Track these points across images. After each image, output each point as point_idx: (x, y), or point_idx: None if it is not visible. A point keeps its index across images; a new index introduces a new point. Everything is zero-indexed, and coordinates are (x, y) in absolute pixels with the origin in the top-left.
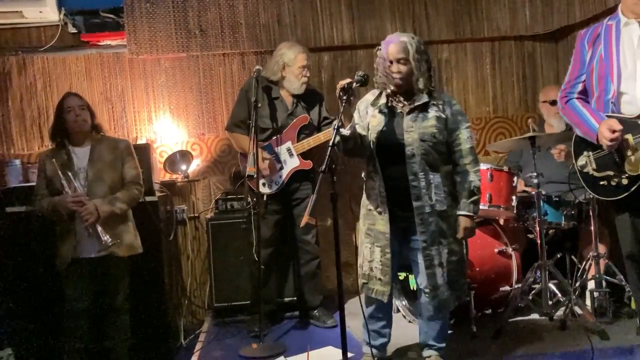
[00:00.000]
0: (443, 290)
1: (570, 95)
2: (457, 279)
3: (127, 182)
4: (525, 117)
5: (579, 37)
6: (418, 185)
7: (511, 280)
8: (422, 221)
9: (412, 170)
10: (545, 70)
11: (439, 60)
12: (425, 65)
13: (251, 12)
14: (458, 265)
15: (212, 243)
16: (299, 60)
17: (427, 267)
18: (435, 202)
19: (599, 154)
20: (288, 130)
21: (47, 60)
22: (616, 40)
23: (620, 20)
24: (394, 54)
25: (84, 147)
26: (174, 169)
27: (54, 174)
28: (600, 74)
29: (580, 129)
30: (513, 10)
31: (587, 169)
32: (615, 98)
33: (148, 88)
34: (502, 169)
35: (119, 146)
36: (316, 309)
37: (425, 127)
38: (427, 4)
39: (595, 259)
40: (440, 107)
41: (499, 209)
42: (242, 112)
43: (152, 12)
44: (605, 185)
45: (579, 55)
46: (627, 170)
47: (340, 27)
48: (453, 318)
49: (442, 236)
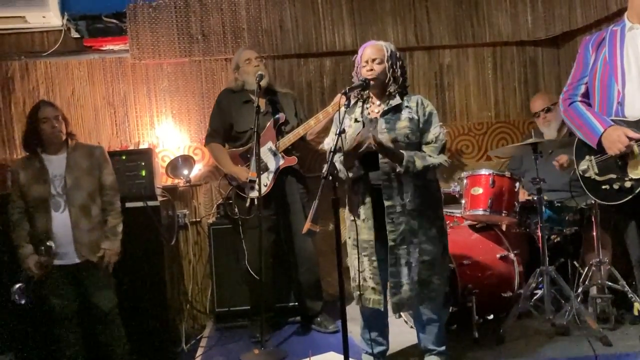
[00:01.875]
0: (406, 289)
1: (573, 97)
2: (430, 279)
3: (106, 189)
4: (527, 122)
5: (583, 42)
6: (390, 185)
7: (513, 285)
8: (392, 220)
9: (384, 170)
10: (547, 75)
11: (441, 65)
12: (399, 71)
13: (253, 18)
14: (431, 265)
15: (213, 248)
16: (244, 55)
17: (392, 264)
18: (406, 201)
19: (601, 158)
20: (266, 131)
21: (49, 65)
22: (620, 44)
23: (625, 25)
24: (368, 54)
25: (59, 155)
26: (176, 173)
27: (28, 182)
28: (603, 76)
29: (582, 132)
30: (515, 15)
31: (589, 174)
32: (621, 99)
33: (150, 93)
34: (504, 174)
35: (95, 153)
36: (318, 315)
37: (399, 128)
38: (429, 9)
39: (597, 265)
40: (413, 108)
41: (501, 215)
42: (215, 122)
43: (154, 17)
44: (608, 189)
45: (582, 58)
46: (630, 174)
47: (342, 32)
48: (455, 324)
49: (413, 235)
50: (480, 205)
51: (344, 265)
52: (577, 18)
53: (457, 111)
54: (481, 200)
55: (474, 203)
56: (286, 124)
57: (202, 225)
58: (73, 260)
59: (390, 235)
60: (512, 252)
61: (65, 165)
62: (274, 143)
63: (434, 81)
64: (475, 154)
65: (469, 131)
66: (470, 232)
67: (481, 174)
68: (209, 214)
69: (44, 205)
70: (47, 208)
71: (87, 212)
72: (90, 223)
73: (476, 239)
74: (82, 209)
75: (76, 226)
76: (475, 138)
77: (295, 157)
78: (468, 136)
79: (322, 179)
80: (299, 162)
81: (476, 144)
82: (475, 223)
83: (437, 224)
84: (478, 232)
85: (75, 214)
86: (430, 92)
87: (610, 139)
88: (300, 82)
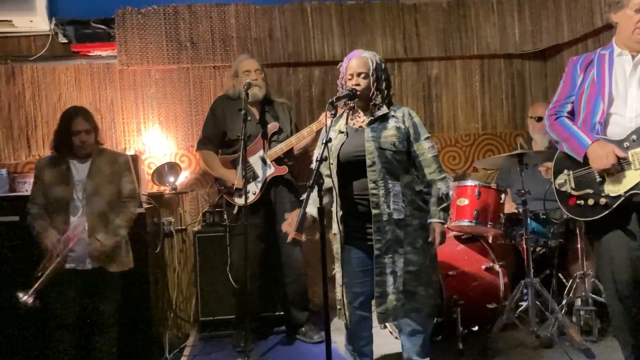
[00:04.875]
0: (392, 298)
1: (559, 113)
2: (415, 290)
3: (124, 197)
4: (513, 134)
5: (571, 62)
6: (377, 193)
7: (498, 297)
8: (379, 229)
9: (372, 178)
10: (534, 88)
11: (429, 76)
12: (384, 83)
13: (243, 26)
14: (417, 276)
15: (198, 256)
16: (243, 65)
17: (377, 274)
18: (393, 210)
19: (579, 173)
20: (258, 140)
21: (36, 69)
22: (609, 67)
23: (614, 50)
24: (354, 67)
25: (85, 162)
26: (161, 180)
27: (52, 182)
28: (590, 96)
29: (569, 144)
30: (502, 28)
31: (565, 187)
32: (603, 119)
33: (138, 99)
34: (490, 185)
35: (119, 160)
36: (303, 325)
37: (385, 136)
38: (418, 21)
39: (581, 277)
40: (399, 118)
41: (487, 226)
42: (207, 129)
43: (143, 23)
44: (582, 204)
45: (569, 78)
46: (607, 190)
47: (331, 42)
48: (439, 335)
49: (399, 245)
50: (466, 217)
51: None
52: (564, 32)
53: (444, 122)
54: (467, 212)
55: (459, 214)
56: (280, 132)
57: (187, 233)
58: (86, 266)
59: (376, 244)
60: (497, 264)
61: (87, 171)
62: (265, 152)
63: (422, 92)
64: (462, 165)
65: (456, 142)
66: (456, 243)
67: (467, 185)
68: (194, 222)
69: (64, 208)
70: (66, 211)
71: (104, 219)
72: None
73: (462, 250)
74: (100, 216)
75: (92, 233)
76: (462, 149)
77: (285, 166)
78: (455, 147)
79: (307, 188)
80: (292, 171)
81: (463, 155)
82: (461, 234)
83: (423, 235)
84: (464, 243)
85: (92, 221)
86: (418, 103)
87: (597, 153)
88: (289, 91)
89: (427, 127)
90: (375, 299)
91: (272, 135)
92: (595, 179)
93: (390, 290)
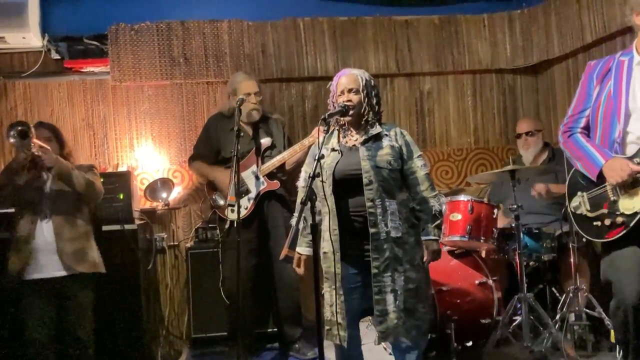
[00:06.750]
0: (392, 317)
1: (573, 130)
2: (415, 307)
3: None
4: (506, 149)
5: (588, 69)
6: (375, 212)
7: (492, 312)
8: (376, 247)
9: (369, 197)
10: (526, 102)
11: (421, 91)
12: (374, 99)
13: (235, 42)
14: (416, 293)
15: (191, 272)
16: (243, 87)
17: (377, 293)
18: (390, 228)
19: (593, 194)
20: (251, 155)
21: (29, 85)
22: (627, 78)
23: (633, 58)
24: (344, 84)
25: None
26: (154, 196)
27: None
28: (607, 113)
29: (582, 163)
30: (494, 44)
31: (581, 210)
32: (620, 138)
33: (130, 115)
34: (483, 200)
35: (83, 167)
36: (296, 341)
37: (381, 155)
38: (410, 36)
39: (575, 291)
40: (392, 137)
41: (480, 241)
42: (200, 146)
43: (136, 39)
44: (599, 225)
45: (585, 89)
46: (622, 209)
47: (324, 57)
48: (433, 350)
49: (398, 263)
50: (459, 231)
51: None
52: (554, 47)
53: (437, 137)
54: (460, 226)
55: (452, 229)
56: (272, 148)
57: (180, 249)
58: (56, 273)
59: (374, 262)
60: (490, 279)
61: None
62: (258, 167)
63: (415, 107)
64: (455, 179)
65: (449, 157)
66: (449, 258)
67: (460, 200)
68: (187, 238)
69: (31, 211)
70: (34, 213)
71: (71, 221)
72: (75, 232)
73: (455, 265)
74: (67, 219)
75: (59, 235)
76: (454, 164)
77: (278, 181)
78: (448, 162)
79: (300, 205)
80: (285, 186)
81: (455, 169)
82: (454, 249)
83: (420, 252)
84: (457, 258)
85: (59, 223)
86: (411, 118)
87: (612, 167)
88: (282, 106)
89: (420, 142)
90: (375, 318)
91: (265, 151)
92: (610, 199)
93: (390, 308)
